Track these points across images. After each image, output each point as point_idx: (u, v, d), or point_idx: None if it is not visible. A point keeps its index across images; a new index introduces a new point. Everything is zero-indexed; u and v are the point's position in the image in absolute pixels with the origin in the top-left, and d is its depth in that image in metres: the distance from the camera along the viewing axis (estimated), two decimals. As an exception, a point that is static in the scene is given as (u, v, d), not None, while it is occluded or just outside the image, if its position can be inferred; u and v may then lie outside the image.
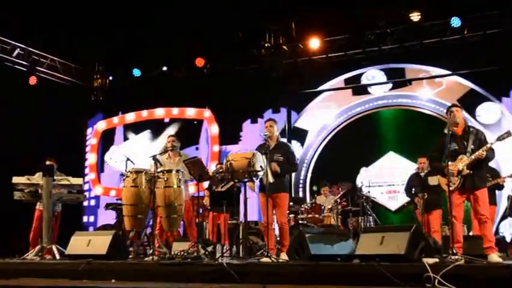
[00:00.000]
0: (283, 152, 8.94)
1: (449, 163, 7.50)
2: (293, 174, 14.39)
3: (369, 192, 12.76)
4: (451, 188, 7.51)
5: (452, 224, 7.44)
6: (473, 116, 13.96)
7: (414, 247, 6.74)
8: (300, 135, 15.83)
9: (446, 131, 7.65)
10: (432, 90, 14.76)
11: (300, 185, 15.62)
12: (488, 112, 14.01)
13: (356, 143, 14.78)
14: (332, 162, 14.95)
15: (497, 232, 12.68)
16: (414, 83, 14.96)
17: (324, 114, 15.78)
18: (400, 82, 15.13)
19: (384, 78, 15.32)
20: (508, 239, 11.94)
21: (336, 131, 15.64)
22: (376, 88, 15.42)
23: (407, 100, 15.05)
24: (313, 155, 15.67)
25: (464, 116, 7.82)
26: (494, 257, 7.20)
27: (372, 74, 15.49)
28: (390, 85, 15.25)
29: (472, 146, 7.52)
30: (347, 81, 15.74)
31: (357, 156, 14.64)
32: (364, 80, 15.54)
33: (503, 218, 12.80)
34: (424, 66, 14.90)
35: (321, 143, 15.68)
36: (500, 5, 13.11)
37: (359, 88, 15.59)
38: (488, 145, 7.50)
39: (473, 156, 7.44)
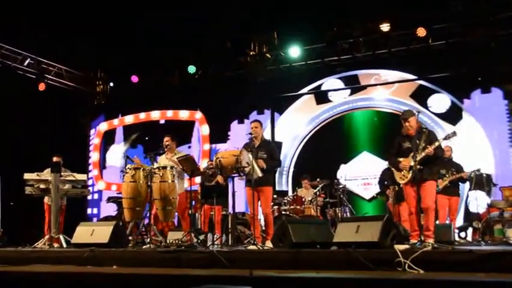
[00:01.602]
0: (267, 149, 8.94)
1: (402, 159, 7.69)
2: (277, 170, 14.35)
3: (345, 186, 12.79)
4: (403, 181, 7.68)
5: (410, 214, 7.56)
6: (426, 107, 13.98)
7: (387, 235, 6.75)
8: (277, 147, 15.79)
9: (402, 132, 7.82)
10: (387, 90, 14.75)
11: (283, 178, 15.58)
12: (438, 102, 14.03)
13: (328, 146, 14.79)
14: (309, 164, 14.83)
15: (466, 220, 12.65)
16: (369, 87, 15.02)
17: (294, 125, 15.73)
18: (356, 88, 15.12)
19: (342, 86, 15.32)
20: (475, 210, 11.85)
21: (307, 138, 15.58)
22: (336, 96, 15.38)
23: (366, 102, 15.02)
24: (290, 163, 15.60)
25: (419, 119, 7.81)
26: (426, 244, 6.91)
27: (331, 83, 15.47)
28: (349, 91, 15.21)
29: (423, 144, 7.55)
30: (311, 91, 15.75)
31: (333, 156, 14.61)
32: (325, 89, 15.56)
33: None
34: (374, 70, 14.88)
35: (296, 151, 15.61)
36: (461, 17, 13.10)
37: (321, 97, 15.55)
38: (437, 143, 7.55)
39: (423, 153, 7.48)
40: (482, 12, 12.77)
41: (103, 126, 18.13)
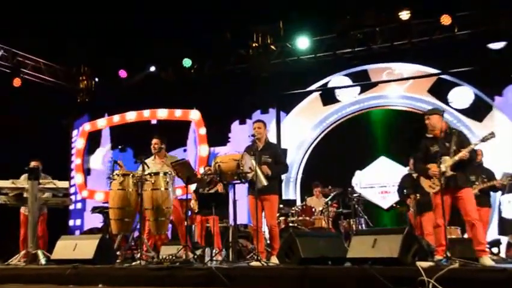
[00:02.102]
0: (271, 152, 8.90)
1: (431, 165, 7.56)
2: (283, 176, 14.33)
3: (360, 194, 12.76)
4: (433, 190, 7.56)
5: (436, 227, 7.48)
6: (446, 103, 14.02)
7: (408, 250, 6.70)
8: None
9: (428, 134, 7.76)
10: (401, 86, 14.80)
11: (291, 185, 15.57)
12: (461, 97, 14.05)
13: (340, 151, 14.79)
14: (320, 170, 14.86)
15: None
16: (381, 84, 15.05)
17: (299, 131, 15.78)
18: (367, 85, 15.15)
19: (350, 83, 15.39)
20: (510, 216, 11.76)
21: (316, 142, 15.63)
22: (345, 95, 15.44)
23: (379, 101, 15.06)
24: (298, 169, 15.60)
25: (445, 118, 7.78)
26: (486, 260, 7.10)
27: (338, 81, 15.55)
28: (358, 89, 15.27)
29: (454, 147, 7.48)
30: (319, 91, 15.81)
31: (346, 162, 14.60)
32: (337, 91, 15.60)
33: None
34: (386, 63, 14.96)
35: (303, 156, 15.64)
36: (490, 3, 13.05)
37: (328, 97, 15.59)
38: (472, 146, 7.47)
39: (456, 158, 7.39)
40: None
41: (87, 127, 18.15)
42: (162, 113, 17.18)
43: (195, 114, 16.74)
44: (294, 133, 15.77)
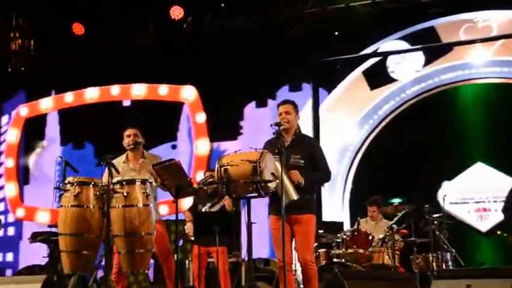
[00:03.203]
0: (306, 150, 8.86)
1: None
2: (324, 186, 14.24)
3: (443, 214, 12.60)
4: None
5: None
6: None
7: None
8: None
9: None
10: (490, 48, 14.81)
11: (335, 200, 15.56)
12: None
13: (407, 152, 14.75)
14: (377, 180, 14.76)
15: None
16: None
17: (340, 129, 15.84)
18: (436, 51, 15.18)
19: (421, 57, 15.40)
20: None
21: (372, 137, 15.71)
22: (403, 69, 15.53)
23: (457, 73, 15.07)
24: (346, 178, 15.69)
25: None
26: None
27: (390, 47, 15.70)
28: (422, 60, 15.28)
29: None
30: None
31: (417, 168, 14.51)
32: (390, 66, 15.65)
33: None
34: (463, 14, 15.03)
35: (353, 159, 15.76)
36: None
37: (377, 76, 15.68)
38: None
39: None
40: None
41: (24, 111, 18.21)
42: (139, 90, 17.25)
43: (189, 93, 16.79)
44: (334, 133, 15.83)
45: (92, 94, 17.54)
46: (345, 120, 15.76)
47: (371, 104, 15.58)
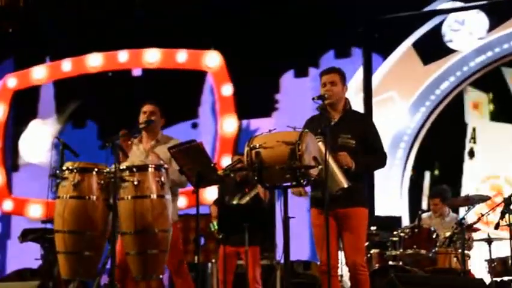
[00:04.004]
0: (357, 129, 8.85)
1: None
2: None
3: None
4: None
5: None
6: None
7: None
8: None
9: None
10: None
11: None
12: None
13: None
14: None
15: None
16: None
17: (389, 114, 15.90)
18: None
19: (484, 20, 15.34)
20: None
21: (436, 113, 15.79)
22: (463, 36, 15.54)
23: None
24: (406, 162, 15.79)
25: None
26: None
27: (456, 19, 15.69)
28: (485, 23, 15.25)
29: None
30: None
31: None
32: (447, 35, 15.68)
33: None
34: None
35: (415, 139, 15.80)
36: None
37: (431, 49, 15.77)
38: None
39: None
40: None
41: (12, 82, 18.25)
42: (152, 57, 17.22)
43: (212, 59, 16.75)
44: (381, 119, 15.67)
45: (95, 61, 17.59)
46: (393, 104, 15.78)
47: (424, 82, 15.62)
